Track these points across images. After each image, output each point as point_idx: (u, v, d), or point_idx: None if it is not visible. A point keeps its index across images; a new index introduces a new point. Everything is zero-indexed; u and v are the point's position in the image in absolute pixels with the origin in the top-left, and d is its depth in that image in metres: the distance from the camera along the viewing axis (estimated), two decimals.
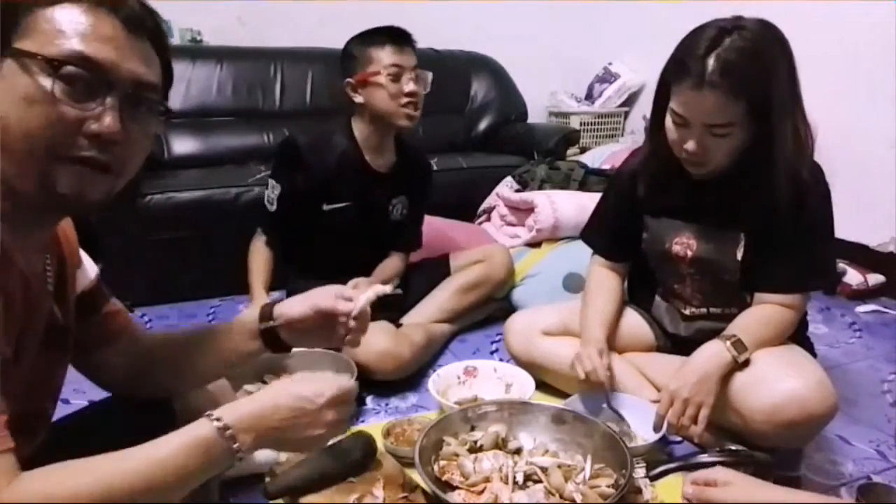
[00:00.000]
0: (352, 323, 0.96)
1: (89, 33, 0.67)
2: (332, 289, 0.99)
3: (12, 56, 0.65)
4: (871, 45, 2.38)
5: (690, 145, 1.22)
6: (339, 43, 3.08)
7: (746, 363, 1.26)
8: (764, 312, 1.31)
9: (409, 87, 1.69)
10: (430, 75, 1.75)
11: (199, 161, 2.59)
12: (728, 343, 1.25)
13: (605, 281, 1.55)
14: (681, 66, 1.20)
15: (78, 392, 1.39)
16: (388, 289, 1.01)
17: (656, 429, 1.28)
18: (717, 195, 1.33)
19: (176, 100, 2.71)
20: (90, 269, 0.97)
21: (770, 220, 1.27)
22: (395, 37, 1.71)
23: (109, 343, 1.00)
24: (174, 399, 1.00)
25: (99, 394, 1.08)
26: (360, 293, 0.98)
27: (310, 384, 0.83)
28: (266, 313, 0.97)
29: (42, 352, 0.81)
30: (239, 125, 2.80)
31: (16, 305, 0.72)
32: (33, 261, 0.77)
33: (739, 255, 1.34)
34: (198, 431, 0.71)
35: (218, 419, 0.73)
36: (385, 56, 1.68)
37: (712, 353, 1.26)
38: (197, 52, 2.86)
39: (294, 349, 1.03)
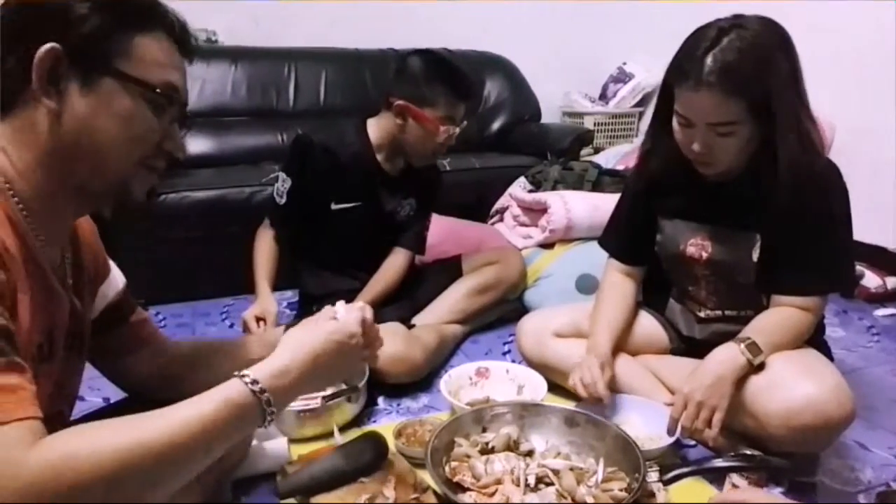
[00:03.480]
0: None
1: (173, 65, 0.79)
2: (326, 311, 0.96)
3: (114, 76, 0.73)
4: (889, 45, 2.34)
5: (696, 146, 1.22)
6: (351, 43, 3.13)
7: (762, 366, 1.25)
8: (780, 315, 1.30)
9: (449, 140, 1.72)
10: (465, 125, 1.76)
11: (213, 161, 2.60)
12: (743, 346, 1.24)
13: (618, 286, 1.53)
14: (680, 68, 1.21)
15: (93, 389, 1.41)
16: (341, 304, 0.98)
17: (670, 432, 1.27)
18: (732, 196, 1.32)
19: (191, 100, 2.66)
20: (119, 278, 1.00)
21: (785, 221, 1.26)
22: (464, 92, 1.71)
23: (135, 351, 1.03)
24: None
25: (114, 390, 1.09)
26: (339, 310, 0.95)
27: (316, 329, 0.87)
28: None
29: (65, 349, 0.82)
30: (253, 125, 2.82)
31: (43, 297, 0.74)
32: (52, 254, 0.79)
33: (755, 257, 1.32)
34: (229, 389, 0.73)
35: (246, 376, 0.75)
36: (447, 107, 1.68)
37: (727, 356, 1.24)
38: (212, 52, 2.88)
39: None
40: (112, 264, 1.01)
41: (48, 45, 0.69)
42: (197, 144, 2.67)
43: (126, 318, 1.02)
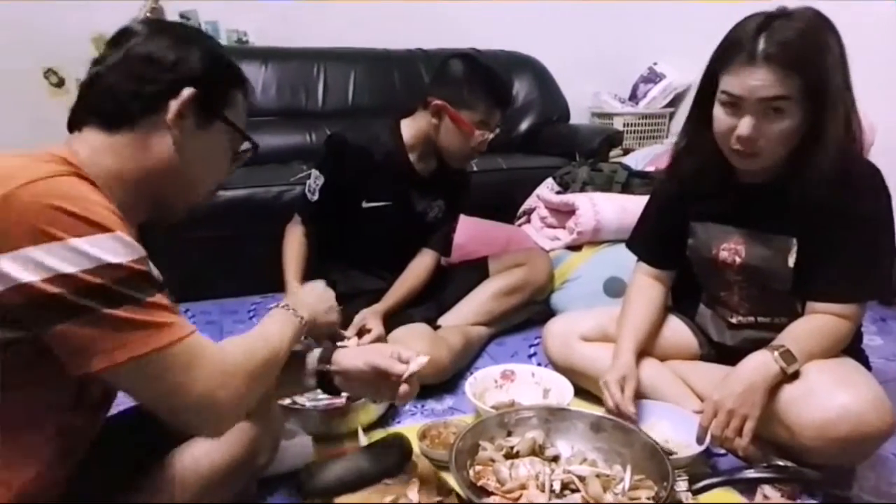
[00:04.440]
0: (404, 387, 1.07)
1: (245, 118, 0.96)
2: (388, 349, 1.12)
3: (224, 122, 0.90)
4: None
5: (744, 128, 1.17)
6: (380, 43, 3.13)
7: (796, 375, 1.21)
8: (816, 322, 1.26)
9: (482, 145, 1.73)
10: (498, 131, 1.78)
11: None
12: (776, 353, 1.20)
13: (645, 290, 1.51)
14: (732, 48, 1.18)
15: None
16: (425, 360, 1.11)
17: (699, 441, 1.24)
18: (768, 199, 1.28)
19: None
20: (154, 274, 1.02)
21: (824, 225, 1.22)
22: (503, 99, 1.74)
23: None
24: None
25: None
26: (412, 358, 1.09)
27: (315, 288, 1.23)
28: (326, 356, 1.10)
29: None
30: (282, 125, 2.84)
31: None
32: None
33: (791, 262, 1.28)
34: (280, 314, 1.02)
35: (285, 305, 1.04)
36: (484, 112, 1.70)
37: (759, 364, 1.21)
38: (242, 52, 2.91)
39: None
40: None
41: (191, 90, 0.84)
42: None
43: None
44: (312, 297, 1.16)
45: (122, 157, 0.83)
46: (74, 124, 0.85)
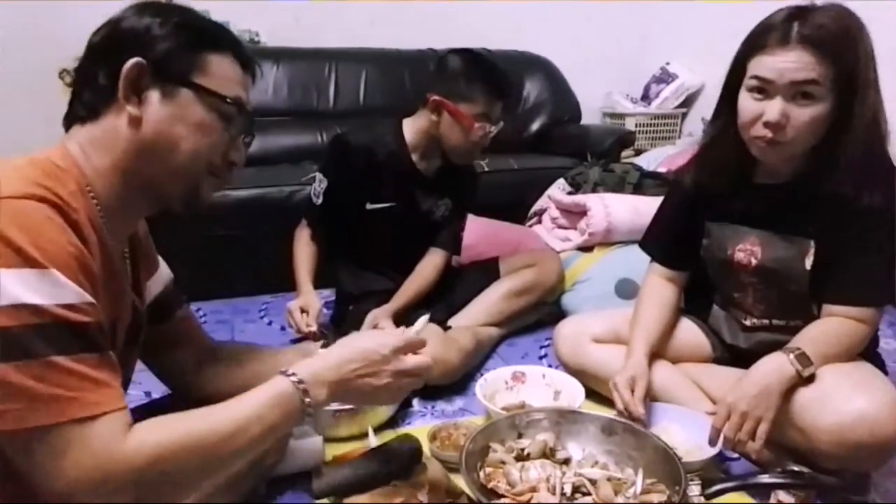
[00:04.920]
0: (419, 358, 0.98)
1: (242, 82, 0.87)
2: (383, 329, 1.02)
3: (192, 88, 0.80)
4: None
5: (772, 113, 1.15)
6: (391, 43, 3.13)
7: (811, 378, 1.19)
8: (832, 325, 1.24)
9: (484, 139, 1.71)
10: (501, 125, 1.75)
11: (254, 160, 2.61)
12: (792, 356, 1.18)
13: (658, 291, 1.49)
14: (763, 33, 1.17)
15: (134, 383, 1.43)
16: (425, 318, 1.07)
17: (711, 443, 1.22)
18: (786, 200, 1.27)
19: None
20: (165, 274, 1.03)
21: (843, 226, 1.20)
22: (502, 90, 1.71)
23: (180, 346, 1.06)
24: None
25: (154, 384, 1.11)
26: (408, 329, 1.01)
27: (374, 336, 0.95)
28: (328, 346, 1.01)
29: (124, 343, 0.85)
30: (293, 125, 2.85)
31: (112, 294, 0.78)
32: (118, 252, 0.84)
33: (808, 264, 1.26)
34: (275, 386, 0.81)
35: (293, 374, 0.82)
36: (484, 104, 1.68)
37: (774, 366, 1.19)
38: (254, 52, 2.88)
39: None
40: (161, 261, 1.05)
41: (135, 59, 0.76)
42: None
43: (171, 314, 1.05)
44: (350, 356, 0.88)
45: (101, 149, 0.79)
46: (65, 122, 0.83)
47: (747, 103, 1.20)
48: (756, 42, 1.18)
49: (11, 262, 0.61)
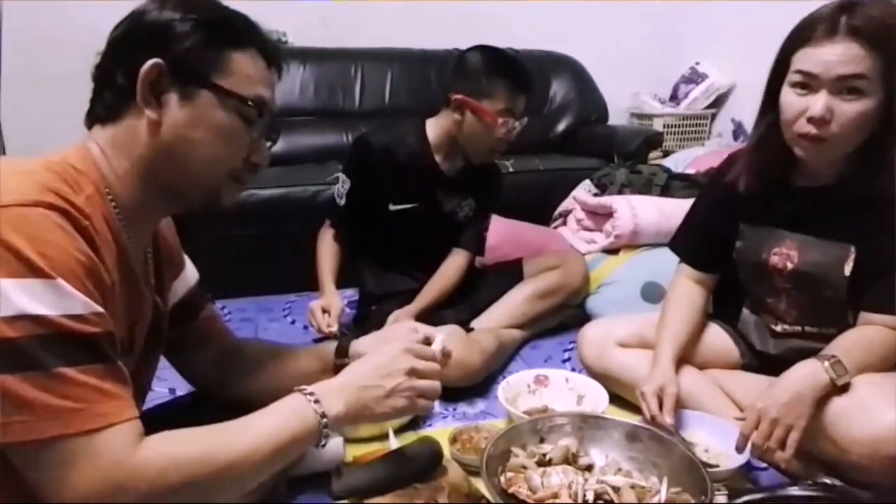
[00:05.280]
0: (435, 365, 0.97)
1: (265, 80, 0.82)
2: (405, 327, 1.05)
3: (212, 90, 0.77)
4: None
5: (817, 107, 1.11)
6: (417, 43, 3.14)
7: (845, 388, 1.15)
8: (869, 334, 1.20)
9: (509, 135, 1.69)
10: (525, 121, 1.73)
11: (280, 159, 2.65)
12: (827, 363, 1.14)
13: (687, 295, 1.46)
14: (809, 26, 1.13)
15: (160, 380, 1.45)
16: (441, 338, 1.05)
17: (739, 450, 1.19)
18: (826, 203, 1.23)
19: None
20: (192, 275, 1.04)
21: (886, 232, 1.16)
22: (523, 84, 1.69)
23: (204, 346, 1.07)
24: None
25: (178, 381, 1.12)
26: (435, 334, 1.01)
27: (391, 353, 0.91)
28: (343, 349, 1.06)
29: (144, 344, 0.85)
30: (319, 124, 2.87)
31: (130, 296, 0.78)
32: (137, 254, 0.83)
33: (848, 271, 1.22)
34: (291, 403, 0.81)
35: (309, 392, 0.82)
36: (506, 99, 1.66)
37: (807, 373, 1.15)
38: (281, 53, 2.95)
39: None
40: (187, 260, 1.05)
41: (152, 60, 0.73)
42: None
43: (196, 314, 1.05)
44: (364, 377, 0.88)
45: (121, 151, 0.77)
46: (86, 121, 0.81)
47: (790, 98, 1.16)
48: (801, 35, 1.15)
49: (17, 271, 0.59)
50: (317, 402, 0.81)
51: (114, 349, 0.68)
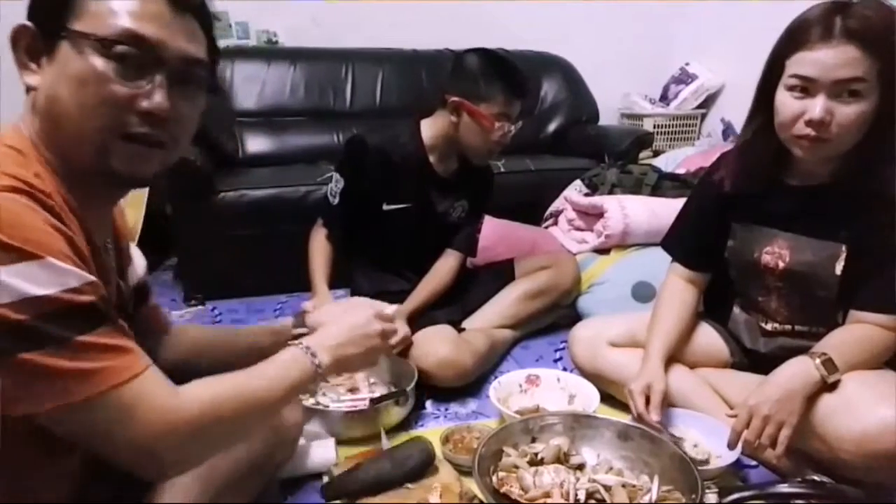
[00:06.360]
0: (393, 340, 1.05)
1: (138, 12, 0.71)
2: (368, 303, 1.09)
3: (68, 38, 0.69)
4: None
5: (816, 111, 1.11)
6: (408, 43, 3.14)
7: (834, 386, 1.16)
8: (859, 332, 1.21)
9: (504, 138, 1.70)
10: (520, 124, 1.74)
11: (271, 159, 2.66)
12: (818, 361, 1.15)
13: (678, 294, 1.47)
14: (803, 29, 1.13)
15: None
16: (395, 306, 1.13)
17: (730, 446, 1.19)
18: (818, 202, 1.23)
19: (251, 100, 2.80)
20: (140, 261, 1.02)
21: (878, 232, 1.17)
22: (520, 89, 1.69)
23: (154, 332, 1.06)
24: None
25: None
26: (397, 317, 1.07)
27: (361, 313, 1.01)
28: (300, 321, 1.11)
29: None
30: (310, 125, 2.86)
31: (100, 270, 0.75)
32: (97, 229, 0.80)
33: (839, 270, 1.23)
34: (291, 353, 0.88)
35: (305, 346, 0.90)
36: (503, 104, 1.66)
37: (799, 370, 1.16)
38: (272, 52, 2.95)
39: None
40: (134, 249, 1.02)
41: (18, 24, 0.70)
42: (255, 143, 2.74)
43: (146, 300, 1.04)
44: (344, 334, 0.96)
45: (31, 117, 0.73)
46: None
47: (787, 101, 1.16)
48: (796, 38, 1.14)
49: (6, 259, 0.60)
50: (312, 354, 0.89)
51: (111, 310, 0.69)
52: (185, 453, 0.73)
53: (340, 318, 1.00)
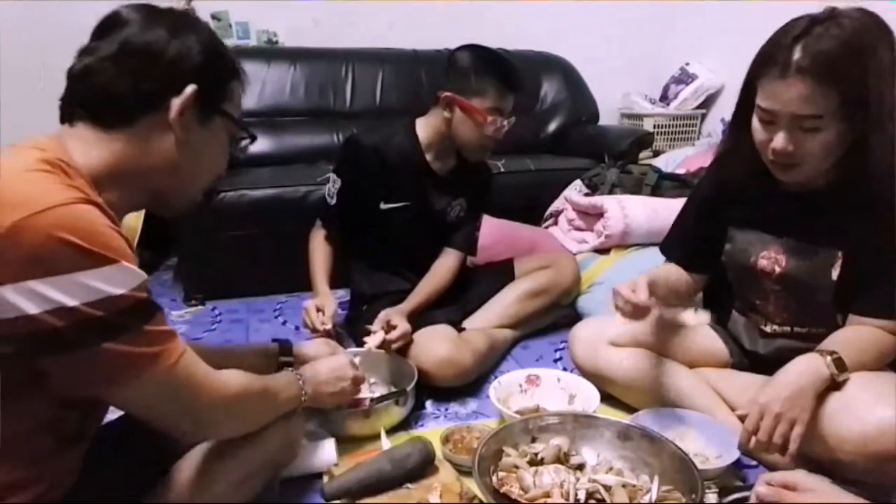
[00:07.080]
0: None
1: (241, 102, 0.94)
2: (344, 353, 1.33)
3: (224, 117, 0.89)
4: None
5: (779, 142, 1.13)
6: (408, 43, 3.14)
7: (837, 385, 1.15)
8: (862, 333, 1.20)
9: (498, 133, 1.70)
10: (513, 119, 1.74)
11: (271, 160, 2.65)
12: (829, 359, 1.14)
13: (673, 269, 1.48)
14: (766, 58, 1.13)
15: None
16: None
17: (741, 447, 1.19)
18: (813, 208, 1.23)
19: (251, 100, 2.79)
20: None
21: (872, 238, 1.17)
22: (512, 83, 1.69)
23: None
24: None
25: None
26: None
27: (339, 364, 1.23)
28: (287, 349, 1.27)
29: None
30: (310, 125, 2.86)
31: None
32: None
33: (835, 275, 1.23)
34: (288, 376, 1.09)
35: (297, 374, 1.11)
36: (495, 97, 1.66)
37: (809, 368, 1.15)
38: (272, 53, 2.95)
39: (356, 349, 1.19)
40: None
41: (194, 87, 0.82)
42: (256, 144, 2.71)
43: None
44: (325, 374, 1.18)
45: (119, 155, 0.81)
46: (65, 117, 0.82)
47: (757, 128, 1.18)
48: (763, 62, 1.15)
49: (86, 263, 0.69)
50: (302, 383, 1.09)
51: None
52: (225, 423, 0.91)
53: (323, 361, 1.22)
